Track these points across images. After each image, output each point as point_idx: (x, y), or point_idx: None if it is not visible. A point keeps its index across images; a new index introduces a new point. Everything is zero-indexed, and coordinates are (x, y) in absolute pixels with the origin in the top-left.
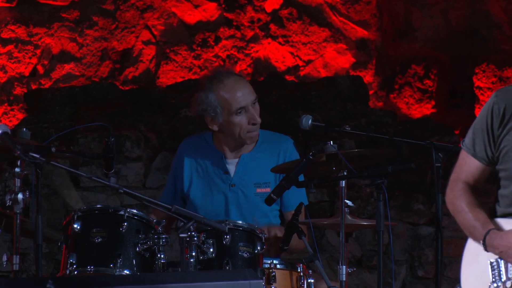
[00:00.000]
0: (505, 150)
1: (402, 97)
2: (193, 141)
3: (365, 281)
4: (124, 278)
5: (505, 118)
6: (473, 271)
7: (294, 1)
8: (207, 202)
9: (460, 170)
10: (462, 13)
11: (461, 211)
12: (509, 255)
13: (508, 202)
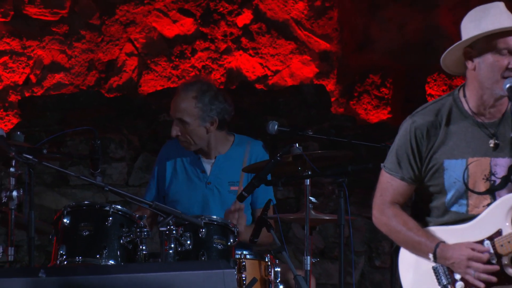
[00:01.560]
0: (435, 167)
1: (361, 104)
2: (173, 143)
3: (328, 270)
4: (109, 268)
5: (430, 140)
6: (414, 277)
7: (263, 17)
8: (185, 199)
9: (386, 193)
10: (416, 27)
11: (399, 231)
12: (461, 267)
13: (440, 212)
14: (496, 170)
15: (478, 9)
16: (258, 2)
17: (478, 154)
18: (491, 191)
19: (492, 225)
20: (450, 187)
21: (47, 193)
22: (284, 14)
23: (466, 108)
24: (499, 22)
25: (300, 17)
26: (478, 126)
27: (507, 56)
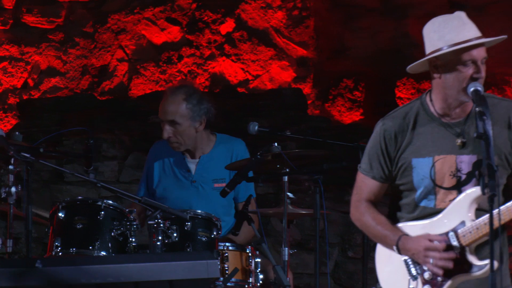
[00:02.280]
0: (404, 167)
1: (335, 106)
2: (161, 144)
3: (304, 260)
4: (101, 258)
5: (398, 141)
6: (389, 270)
7: (244, 25)
8: (172, 196)
9: (360, 191)
10: (387, 35)
11: (370, 226)
12: (420, 257)
13: (410, 209)
14: (461, 166)
15: (440, 19)
16: (240, 12)
17: (444, 152)
18: (457, 186)
19: (456, 217)
20: (419, 184)
21: (44, 189)
22: (264, 23)
23: (432, 111)
24: (462, 34)
25: (279, 26)
26: (444, 126)
27: (471, 66)
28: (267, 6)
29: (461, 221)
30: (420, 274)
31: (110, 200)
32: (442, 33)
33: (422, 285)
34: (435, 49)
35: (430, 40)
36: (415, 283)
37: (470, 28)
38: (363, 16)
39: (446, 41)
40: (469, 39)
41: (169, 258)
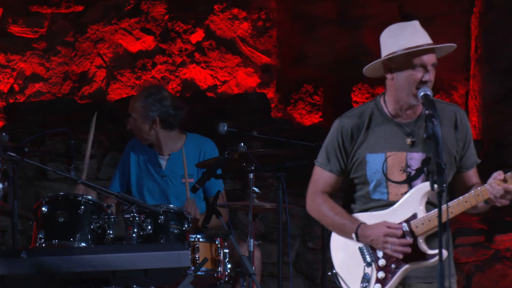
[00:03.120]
0: (358, 161)
1: (297, 109)
2: (136, 142)
3: (268, 251)
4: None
5: (354, 137)
6: (344, 257)
7: (213, 35)
8: (145, 190)
9: (317, 183)
10: (344, 44)
11: (328, 215)
12: (379, 242)
13: (365, 200)
14: (411, 163)
15: (396, 26)
16: (209, 23)
17: (395, 149)
18: (407, 181)
19: (409, 210)
20: (371, 177)
21: (28, 186)
22: (231, 33)
23: (386, 111)
24: (414, 40)
25: (244, 36)
26: (396, 126)
27: (421, 70)
28: (233, 17)
29: (413, 213)
30: (375, 261)
31: (89, 195)
32: (397, 39)
33: (376, 271)
34: (389, 52)
35: (386, 45)
36: (370, 269)
37: (423, 35)
38: (322, 27)
39: (399, 45)
40: (420, 45)
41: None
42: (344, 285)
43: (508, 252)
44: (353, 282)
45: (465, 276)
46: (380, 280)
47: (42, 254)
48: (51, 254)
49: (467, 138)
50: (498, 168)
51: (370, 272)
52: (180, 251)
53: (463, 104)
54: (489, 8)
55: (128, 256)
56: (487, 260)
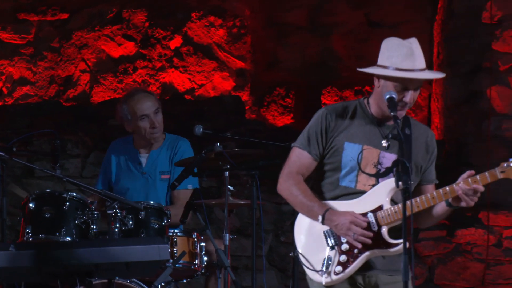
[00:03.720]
0: (336, 147)
1: (269, 111)
2: (118, 142)
3: (243, 245)
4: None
5: (336, 125)
6: (308, 239)
7: (191, 41)
8: (126, 185)
9: (293, 164)
10: (314, 50)
11: (297, 196)
12: (343, 229)
13: (332, 187)
14: (383, 161)
15: (395, 41)
16: (187, 30)
17: (371, 145)
18: (376, 175)
19: (375, 201)
20: (346, 164)
21: (16, 183)
22: (207, 39)
23: (368, 111)
24: (407, 63)
25: (220, 42)
26: (376, 126)
27: (401, 92)
28: (210, 24)
29: (380, 204)
30: (338, 245)
31: (74, 192)
32: (391, 54)
33: (339, 255)
34: (382, 64)
35: (382, 55)
36: (333, 252)
37: (417, 58)
38: (293, 34)
39: (392, 62)
40: (410, 69)
41: (126, 242)
42: (307, 264)
43: (468, 246)
44: (315, 263)
45: (428, 268)
46: (342, 263)
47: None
48: (38, 247)
49: (433, 155)
50: (459, 167)
51: (333, 255)
52: (159, 245)
53: (426, 106)
54: (451, 16)
55: (111, 250)
56: (449, 253)
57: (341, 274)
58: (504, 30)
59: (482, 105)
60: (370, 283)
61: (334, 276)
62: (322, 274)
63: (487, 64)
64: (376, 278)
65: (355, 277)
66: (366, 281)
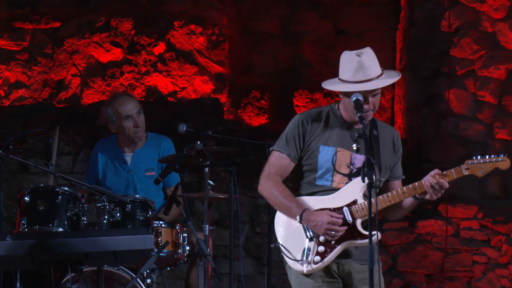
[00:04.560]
0: (312, 150)
1: (246, 112)
2: (104, 142)
3: (221, 235)
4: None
5: (312, 130)
6: (288, 231)
7: (173, 48)
8: (114, 183)
9: (272, 166)
10: (286, 56)
11: (277, 196)
12: (320, 229)
13: (309, 186)
14: (354, 162)
15: (348, 55)
16: (169, 37)
17: (344, 147)
18: (349, 175)
19: (350, 196)
20: (321, 165)
21: (12, 179)
22: (189, 46)
23: (339, 116)
24: (359, 75)
25: (200, 48)
26: (347, 129)
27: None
28: (191, 32)
29: (354, 199)
30: (316, 237)
31: (66, 187)
32: (345, 68)
33: (317, 246)
34: (340, 76)
35: (340, 68)
36: (311, 243)
37: (367, 69)
38: (267, 41)
39: (346, 76)
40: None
41: (113, 233)
42: (288, 254)
43: (428, 236)
44: (295, 253)
45: (391, 256)
46: (320, 253)
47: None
48: (33, 237)
49: (399, 153)
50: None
51: (312, 246)
52: (144, 235)
53: (390, 108)
54: (412, 25)
55: (100, 240)
56: (411, 242)
57: (319, 263)
58: (461, 37)
59: (441, 106)
60: (344, 271)
61: (314, 265)
62: (302, 263)
63: (446, 69)
64: (349, 266)
65: (330, 265)
66: (340, 269)
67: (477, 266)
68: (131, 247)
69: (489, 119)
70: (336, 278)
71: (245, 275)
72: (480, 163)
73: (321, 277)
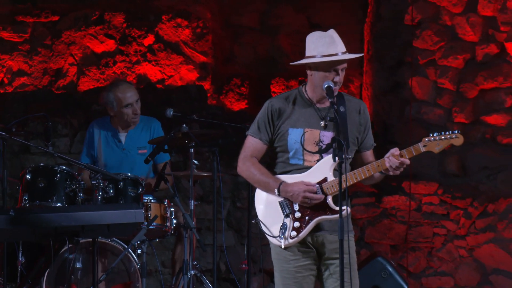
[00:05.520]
0: (282, 133)
1: (228, 98)
2: (99, 121)
3: (205, 210)
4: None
5: (280, 114)
6: (266, 209)
7: (162, 39)
8: (108, 161)
9: (248, 150)
10: (264, 47)
11: (255, 174)
12: (298, 197)
13: (283, 165)
14: (323, 139)
15: (318, 34)
16: (158, 30)
17: (312, 127)
18: (319, 152)
19: (321, 174)
20: (291, 146)
21: (15, 159)
22: (176, 38)
23: (306, 97)
24: (331, 49)
25: (186, 40)
26: (314, 110)
27: (333, 73)
28: (177, 25)
29: (324, 177)
30: (292, 213)
31: (64, 166)
32: (316, 45)
33: (293, 222)
34: (311, 55)
35: (309, 48)
36: (288, 219)
37: (338, 44)
38: (247, 33)
39: (319, 51)
40: (335, 54)
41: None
42: (266, 230)
43: (393, 210)
44: (273, 229)
45: (360, 229)
46: (296, 228)
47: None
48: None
49: (367, 125)
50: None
51: (288, 222)
52: (135, 210)
53: (358, 94)
54: (378, 19)
55: (94, 214)
56: (377, 216)
57: (295, 238)
58: (423, 30)
59: (405, 93)
60: (318, 242)
61: (290, 240)
62: (280, 239)
63: (409, 59)
64: (323, 237)
65: (305, 237)
66: (315, 240)
67: (437, 238)
68: (123, 220)
69: (448, 104)
70: (311, 248)
71: (227, 246)
72: (436, 140)
73: (297, 247)
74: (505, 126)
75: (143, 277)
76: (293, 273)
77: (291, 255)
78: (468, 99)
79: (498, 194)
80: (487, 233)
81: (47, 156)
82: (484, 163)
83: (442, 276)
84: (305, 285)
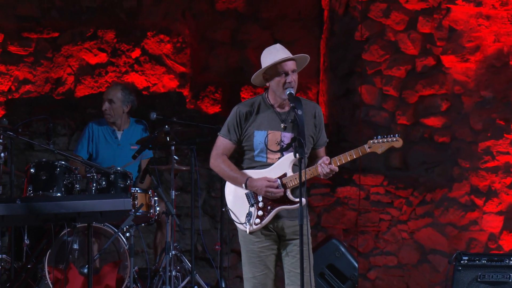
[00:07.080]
0: (248, 135)
1: (204, 103)
2: (97, 122)
3: (184, 199)
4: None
5: (247, 118)
6: (235, 199)
7: (147, 53)
8: (105, 154)
9: (219, 148)
10: (235, 59)
11: (225, 170)
12: (261, 191)
13: (250, 161)
14: (284, 139)
15: (267, 50)
16: (144, 44)
17: (274, 129)
18: (280, 151)
19: (281, 170)
20: (257, 146)
21: (21, 155)
22: (159, 51)
23: (269, 103)
24: (277, 57)
25: (168, 53)
26: (275, 113)
27: (283, 76)
28: (160, 40)
29: (284, 172)
30: (256, 203)
31: (63, 161)
32: (266, 58)
33: (257, 210)
34: (266, 65)
35: (264, 61)
36: (253, 209)
37: (282, 53)
38: (220, 47)
39: (268, 62)
40: (280, 59)
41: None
42: (234, 217)
43: (345, 199)
44: (240, 216)
45: (317, 215)
46: (259, 216)
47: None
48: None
49: (321, 126)
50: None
51: (253, 211)
52: (124, 199)
53: (315, 99)
54: (332, 35)
55: (89, 202)
56: (332, 204)
57: (259, 224)
58: (370, 45)
59: (355, 98)
60: (278, 227)
61: (254, 226)
62: (245, 226)
63: (359, 69)
64: (282, 223)
65: (267, 224)
66: (275, 225)
67: (383, 223)
68: (114, 208)
69: (392, 108)
70: (272, 231)
71: (203, 230)
72: (379, 143)
73: (260, 231)
74: (441, 127)
75: (131, 257)
76: (257, 253)
77: (255, 238)
78: (409, 104)
79: (435, 185)
80: (426, 219)
81: (49, 153)
82: (423, 158)
83: (387, 256)
84: (268, 263)
